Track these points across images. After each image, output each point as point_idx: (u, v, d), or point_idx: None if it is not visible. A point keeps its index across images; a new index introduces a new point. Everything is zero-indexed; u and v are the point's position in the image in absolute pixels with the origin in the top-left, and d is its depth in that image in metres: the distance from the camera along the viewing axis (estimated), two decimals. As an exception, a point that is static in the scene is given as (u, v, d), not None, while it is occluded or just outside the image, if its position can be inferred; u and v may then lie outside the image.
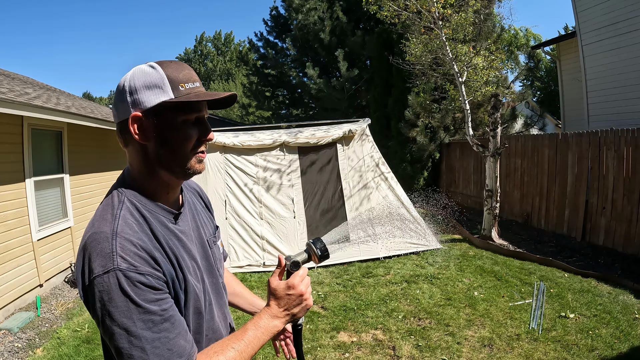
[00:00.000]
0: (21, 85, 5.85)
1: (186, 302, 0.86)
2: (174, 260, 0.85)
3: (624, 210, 5.14)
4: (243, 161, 5.43)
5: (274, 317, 0.91)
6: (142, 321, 0.74)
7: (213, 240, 1.05)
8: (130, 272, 0.74)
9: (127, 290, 0.73)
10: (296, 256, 1.02)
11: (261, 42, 16.69)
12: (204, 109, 0.88)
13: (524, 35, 20.41)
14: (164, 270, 0.81)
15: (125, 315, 0.73)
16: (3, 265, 4.00)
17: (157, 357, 0.75)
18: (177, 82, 0.84)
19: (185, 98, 0.82)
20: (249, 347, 0.85)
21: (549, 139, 6.59)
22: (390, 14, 6.61)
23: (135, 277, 0.75)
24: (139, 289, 0.75)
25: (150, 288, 0.76)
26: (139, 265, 0.76)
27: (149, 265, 0.78)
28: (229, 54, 40.73)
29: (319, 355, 3.08)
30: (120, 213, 0.83)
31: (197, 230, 1.00)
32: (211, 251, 1.02)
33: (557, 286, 4.18)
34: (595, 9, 7.77)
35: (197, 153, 0.88)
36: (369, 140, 5.83)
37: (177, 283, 0.84)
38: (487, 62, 6.48)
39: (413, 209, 5.76)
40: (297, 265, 0.99)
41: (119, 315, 0.73)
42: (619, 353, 2.89)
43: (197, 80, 0.88)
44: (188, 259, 0.90)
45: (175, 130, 0.85)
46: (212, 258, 1.02)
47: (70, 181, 5.54)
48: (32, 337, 3.63)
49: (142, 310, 0.74)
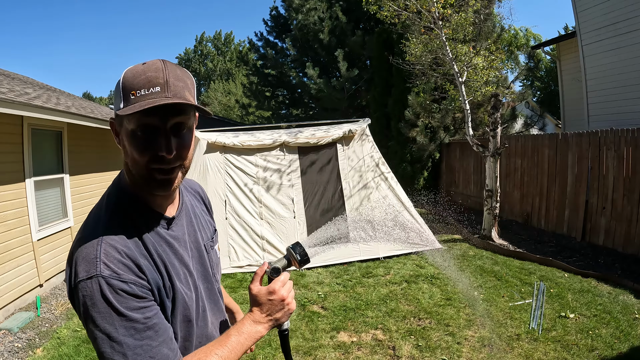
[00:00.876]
0: (21, 85, 5.85)
1: (173, 310, 0.86)
2: (162, 267, 0.84)
3: (624, 210, 5.13)
4: (243, 161, 5.43)
5: (257, 323, 0.90)
6: (124, 328, 0.74)
7: (210, 244, 1.04)
8: (112, 279, 0.74)
9: (109, 298, 0.73)
10: (276, 262, 1.01)
11: (261, 42, 16.71)
12: (155, 118, 0.77)
13: (524, 35, 20.42)
14: (149, 278, 0.80)
15: (108, 321, 0.73)
16: (3, 265, 4.00)
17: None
18: (129, 90, 0.78)
19: (129, 109, 0.76)
20: (232, 353, 0.84)
21: (549, 139, 6.59)
22: (390, 14, 6.61)
23: (118, 284, 0.74)
24: (121, 296, 0.74)
25: (132, 296, 0.75)
26: (122, 273, 0.75)
27: (133, 273, 0.77)
28: (229, 54, 40.72)
29: (319, 355, 3.08)
30: (109, 217, 0.82)
31: (194, 234, 0.98)
32: (208, 256, 1.01)
33: (557, 286, 4.18)
34: (595, 9, 7.77)
35: (157, 170, 0.81)
36: (369, 140, 5.83)
37: (163, 291, 0.83)
38: (487, 62, 6.48)
39: (413, 209, 5.76)
40: (277, 271, 0.98)
41: (101, 321, 0.73)
42: (619, 353, 2.89)
43: (159, 84, 0.77)
44: (179, 266, 0.89)
45: (127, 138, 0.81)
46: (208, 263, 1.00)
47: (70, 181, 5.54)
48: (32, 337, 3.63)
49: (124, 318, 0.74)
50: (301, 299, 4.16)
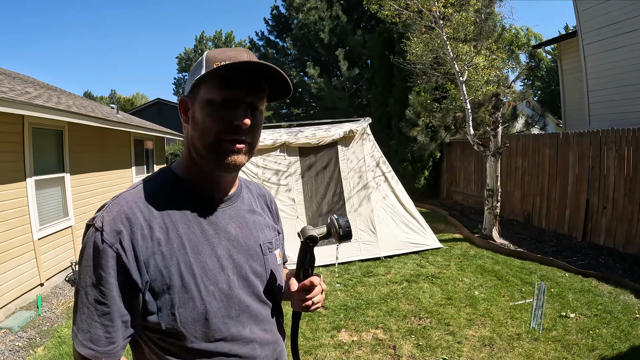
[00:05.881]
0: (22, 85, 5.85)
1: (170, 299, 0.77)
2: (179, 249, 0.78)
3: (624, 210, 5.13)
4: (244, 161, 5.43)
5: None
6: (85, 286, 0.74)
7: (269, 246, 0.94)
8: (98, 232, 0.75)
9: (88, 251, 0.75)
10: (314, 230, 0.90)
11: (262, 42, 16.70)
12: (236, 91, 0.78)
13: (524, 35, 20.40)
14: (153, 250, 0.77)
15: (81, 272, 0.75)
16: (4, 265, 4.01)
17: (77, 326, 0.75)
18: (213, 61, 0.78)
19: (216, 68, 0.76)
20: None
21: (550, 139, 6.58)
22: (391, 13, 6.60)
23: (97, 241, 0.74)
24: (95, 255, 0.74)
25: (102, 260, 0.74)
26: (108, 232, 0.74)
27: (123, 236, 0.75)
28: (229, 54, 40.65)
29: (320, 355, 3.08)
30: (142, 186, 0.82)
31: (247, 230, 0.90)
32: (264, 257, 0.91)
33: (557, 286, 4.17)
34: (596, 9, 7.76)
35: (227, 140, 0.79)
36: (369, 140, 5.83)
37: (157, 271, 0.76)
38: (488, 62, 6.47)
39: (414, 208, 5.76)
40: (314, 239, 0.88)
41: (80, 269, 0.76)
42: (619, 353, 2.88)
43: (244, 58, 0.78)
44: (208, 255, 0.81)
45: (202, 109, 0.79)
46: (257, 265, 0.89)
47: (71, 180, 5.54)
48: (33, 336, 3.64)
49: (89, 277, 0.74)
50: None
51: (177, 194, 0.83)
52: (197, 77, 0.78)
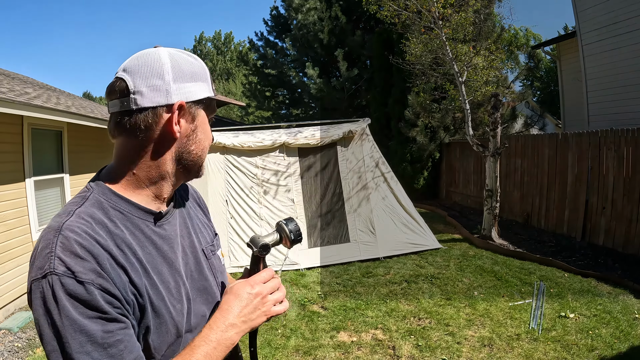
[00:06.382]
0: (21, 85, 5.85)
1: (149, 327, 0.71)
2: (142, 274, 0.71)
3: (624, 210, 5.13)
4: (243, 162, 5.43)
5: (231, 327, 0.75)
6: (79, 342, 0.61)
7: (211, 249, 0.90)
8: (66, 277, 0.61)
9: (62, 302, 0.61)
10: (265, 237, 0.86)
11: (261, 42, 16.70)
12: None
13: (524, 35, 20.44)
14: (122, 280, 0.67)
15: (60, 331, 0.61)
16: (3, 265, 4.00)
17: None
18: (205, 77, 0.81)
19: (226, 99, 0.84)
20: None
21: (549, 139, 6.59)
22: (390, 14, 6.60)
23: (72, 285, 0.62)
24: (76, 301, 0.61)
25: (89, 301, 0.62)
26: (79, 270, 0.62)
27: (94, 272, 0.64)
28: (229, 54, 40.70)
29: (319, 355, 3.08)
30: (80, 211, 0.69)
31: (189, 237, 0.86)
32: (209, 262, 0.88)
33: (557, 286, 4.18)
34: (595, 9, 7.77)
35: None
36: (369, 140, 5.83)
37: (141, 303, 0.70)
38: (487, 62, 6.48)
39: (413, 208, 5.76)
40: (266, 248, 0.83)
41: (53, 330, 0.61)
42: (618, 353, 2.89)
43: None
44: (168, 273, 0.76)
45: (204, 124, 0.82)
46: (207, 271, 0.87)
47: (71, 181, 5.54)
48: (32, 336, 3.63)
49: (78, 328, 0.61)
50: (301, 299, 4.16)
51: (124, 215, 0.73)
52: (209, 95, 0.81)
